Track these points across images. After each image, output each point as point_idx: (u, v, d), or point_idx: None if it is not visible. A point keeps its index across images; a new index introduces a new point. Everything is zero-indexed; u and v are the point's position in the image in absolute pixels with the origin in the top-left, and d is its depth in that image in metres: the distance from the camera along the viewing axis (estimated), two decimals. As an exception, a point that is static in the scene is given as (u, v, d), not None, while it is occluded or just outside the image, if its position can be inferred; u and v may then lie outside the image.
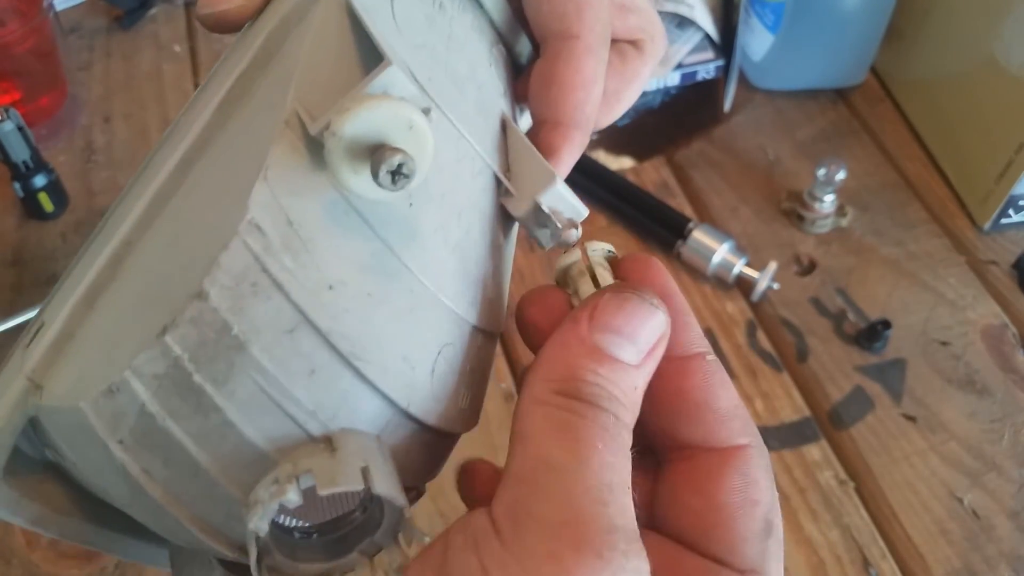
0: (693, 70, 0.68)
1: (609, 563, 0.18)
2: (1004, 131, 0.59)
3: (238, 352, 0.19)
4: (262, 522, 0.19)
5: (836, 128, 0.70)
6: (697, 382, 0.23)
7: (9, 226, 0.63)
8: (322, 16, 0.22)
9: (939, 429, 0.53)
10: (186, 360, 0.19)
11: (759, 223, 0.63)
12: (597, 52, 0.26)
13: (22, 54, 0.67)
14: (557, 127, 0.26)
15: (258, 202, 0.19)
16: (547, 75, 0.26)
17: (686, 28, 0.68)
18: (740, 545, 0.22)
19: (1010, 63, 0.59)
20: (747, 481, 0.22)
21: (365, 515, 0.22)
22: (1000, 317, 0.58)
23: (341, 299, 0.20)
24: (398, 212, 0.21)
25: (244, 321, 0.19)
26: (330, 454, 0.20)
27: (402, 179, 0.19)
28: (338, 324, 0.20)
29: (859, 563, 0.48)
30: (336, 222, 0.20)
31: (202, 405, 0.19)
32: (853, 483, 0.51)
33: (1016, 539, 0.48)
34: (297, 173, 0.20)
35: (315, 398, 0.20)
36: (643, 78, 0.31)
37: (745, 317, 0.58)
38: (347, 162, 0.19)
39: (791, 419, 0.53)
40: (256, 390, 0.19)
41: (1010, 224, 0.62)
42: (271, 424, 0.20)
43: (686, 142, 0.68)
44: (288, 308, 0.19)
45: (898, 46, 0.70)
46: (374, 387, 0.21)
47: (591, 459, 0.20)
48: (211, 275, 0.19)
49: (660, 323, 0.22)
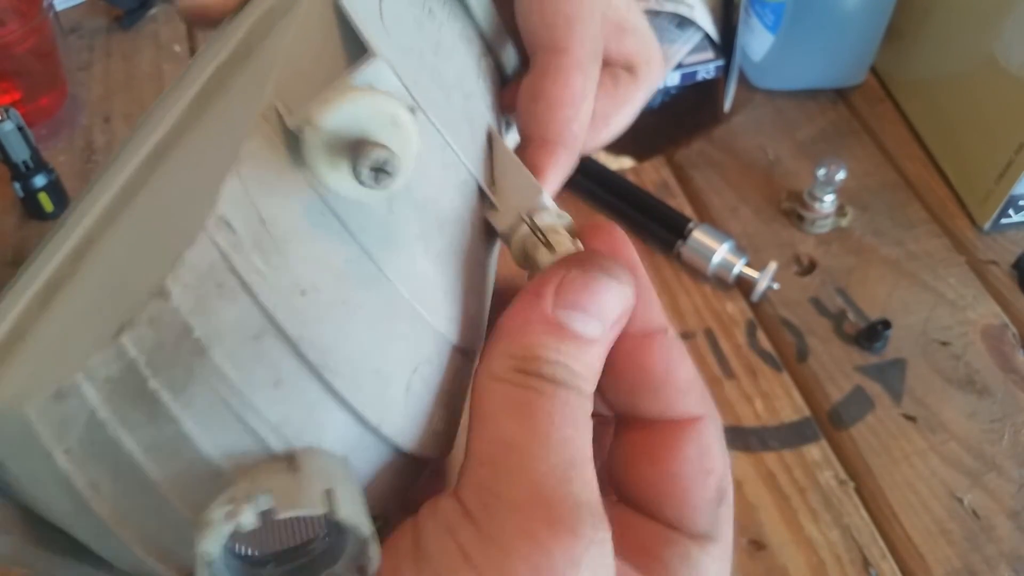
0: (693, 70, 0.68)
1: (582, 538, 0.19)
2: (1004, 131, 0.59)
3: (198, 357, 0.18)
4: (213, 545, 0.17)
5: (836, 128, 0.70)
6: (658, 359, 0.22)
7: (9, 226, 0.63)
8: (307, 10, 0.21)
9: (939, 429, 0.53)
10: (142, 364, 0.17)
11: (759, 223, 0.63)
12: (587, 68, 0.26)
13: (22, 54, 0.67)
14: (543, 144, 0.26)
15: (229, 197, 0.18)
16: (534, 90, 0.26)
17: (686, 28, 0.68)
18: (692, 512, 0.22)
19: (1010, 63, 0.59)
20: (701, 451, 0.22)
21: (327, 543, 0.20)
22: (1000, 317, 0.58)
23: (313, 305, 0.19)
24: (378, 217, 0.20)
25: (207, 324, 0.18)
26: (291, 474, 0.18)
27: (384, 177, 0.18)
28: (309, 332, 0.18)
29: (859, 563, 0.48)
30: (312, 223, 0.19)
31: (156, 414, 0.18)
32: (853, 483, 0.51)
33: (1016, 539, 0.48)
34: (272, 169, 0.19)
35: (280, 411, 0.18)
36: (636, 103, 0.30)
37: (745, 317, 0.58)
38: (326, 157, 0.18)
39: (791, 419, 0.53)
40: (215, 400, 0.18)
41: (1010, 224, 0.62)
42: (230, 438, 0.18)
43: (686, 142, 0.68)
44: (255, 312, 0.18)
45: (898, 46, 0.70)
46: (344, 402, 0.19)
47: (551, 436, 0.20)
48: (174, 272, 0.17)
49: (626, 297, 0.22)
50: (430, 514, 0.20)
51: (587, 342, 0.21)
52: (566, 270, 0.21)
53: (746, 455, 0.52)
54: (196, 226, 0.18)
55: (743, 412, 0.54)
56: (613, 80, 0.29)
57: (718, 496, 0.22)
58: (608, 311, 0.21)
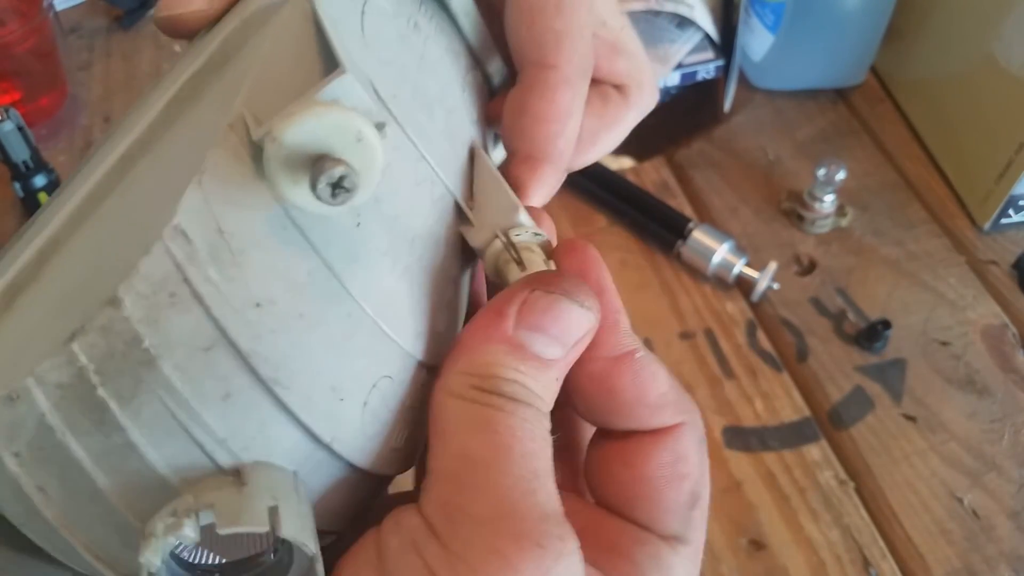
0: (693, 70, 0.68)
1: (549, 550, 0.18)
2: (1004, 131, 0.59)
3: (147, 368, 0.18)
4: (154, 556, 0.17)
5: (836, 128, 0.70)
6: (627, 382, 0.22)
7: (9, 226, 0.63)
8: (285, 22, 0.21)
9: (939, 429, 0.53)
10: (91, 371, 0.17)
11: (759, 223, 0.63)
12: (574, 85, 0.26)
13: (22, 54, 0.67)
14: (527, 160, 0.25)
15: (188, 207, 0.18)
16: (521, 105, 0.25)
17: (686, 28, 0.68)
18: (664, 515, 0.22)
19: (1010, 63, 0.59)
20: (676, 457, 0.22)
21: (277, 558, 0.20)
22: (1000, 317, 0.58)
23: (268, 319, 0.18)
24: (343, 231, 0.20)
25: (157, 334, 0.18)
26: (237, 489, 0.18)
27: (343, 193, 0.18)
28: (261, 346, 0.18)
29: (859, 563, 0.48)
30: (273, 236, 0.19)
31: (104, 422, 0.18)
32: (853, 483, 0.51)
33: (1016, 539, 0.48)
34: (236, 181, 0.19)
35: (228, 425, 0.18)
36: (624, 125, 0.30)
37: (745, 317, 0.58)
38: (286, 171, 0.18)
39: (791, 419, 0.53)
40: (163, 411, 0.18)
41: (1010, 224, 0.62)
42: (177, 450, 0.18)
43: (686, 142, 0.68)
44: (207, 324, 0.18)
45: (898, 46, 0.70)
46: (295, 417, 0.19)
47: (513, 449, 0.20)
48: (128, 281, 0.17)
49: (589, 321, 0.22)
50: (394, 529, 0.20)
51: (546, 364, 0.21)
52: (530, 290, 0.21)
53: (746, 455, 0.52)
54: (154, 235, 0.18)
55: (743, 412, 0.54)
56: (602, 100, 0.29)
57: (691, 500, 0.23)
58: (569, 334, 0.21)
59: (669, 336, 0.57)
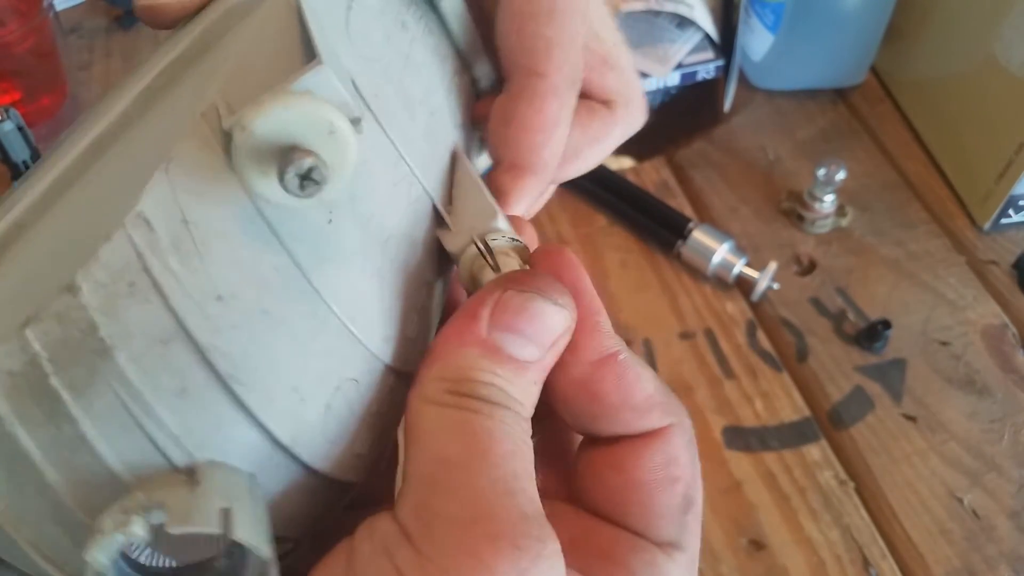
0: (693, 70, 0.68)
1: (527, 551, 0.18)
2: (1004, 131, 0.59)
3: (102, 358, 0.17)
4: (100, 554, 0.16)
5: (836, 128, 0.70)
6: (611, 385, 0.22)
7: (9, 226, 0.63)
8: (267, 14, 0.21)
9: (939, 429, 0.53)
10: (44, 359, 0.17)
11: (759, 223, 0.63)
12: (563, 95, 0.25)
13: (22, 54, 0.67)
14: (511, 169, 0.25)
15: (153, 195, 0.17)
16: (507, 112, 0.25)
17: (686, 28, 0.68)
18: (658, 520, 0.22)
19: (1010, 63, 0.59)
20: (668, 460, 0.22)
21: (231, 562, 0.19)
22: (1000, 317, 0.58)
23: (229, 313, 0.18)
24: (314, 227, 0.19)
25: (114, 324, 0.17)
26: (190, 488, 0.17)
27: (311, 185, 0.17)
28: (220, 340, 0.18)
29: (859, 563, 0.48)
30: (240, 229, 0.18)
31: (56, 413, 0.17)
32: (853, 483, 0.51)
33: (1016, 539, 0.48)
34: (204, 171, 0.18)
35: (183, 422, 0.18)
36: (610, 141, 0.29)
37: (745, 317, 0.58)
38: (255, 162, 0.17)
39: (791, 419, 0.53)
40: (116, 404, 0.17)
41: (1010, 224, 0.62)
42: (129, 445, 0.18)
43: (686, 142, 0.68)
44: (165, 315, 0.17)
45: (898, 46, 0.70)
46: (253, 417, 0.18)
47: (491, 451, 0.19)
48: (86, 268, 0.17)
49: (565, 320, 0.21)
50: (366, 536, 0.19)
51: (522, 366, 0.20)
52: (502, 290, 0.21)
53: (746, 455, 0.52)
54: (116, 222, 0.17)
55: (743, 412, 0.54)
56: (589, 113, 0.28)
57: (684, 504, 0.22)
58: (544, 334, 0.21)
59: (669, 336, 0.57)
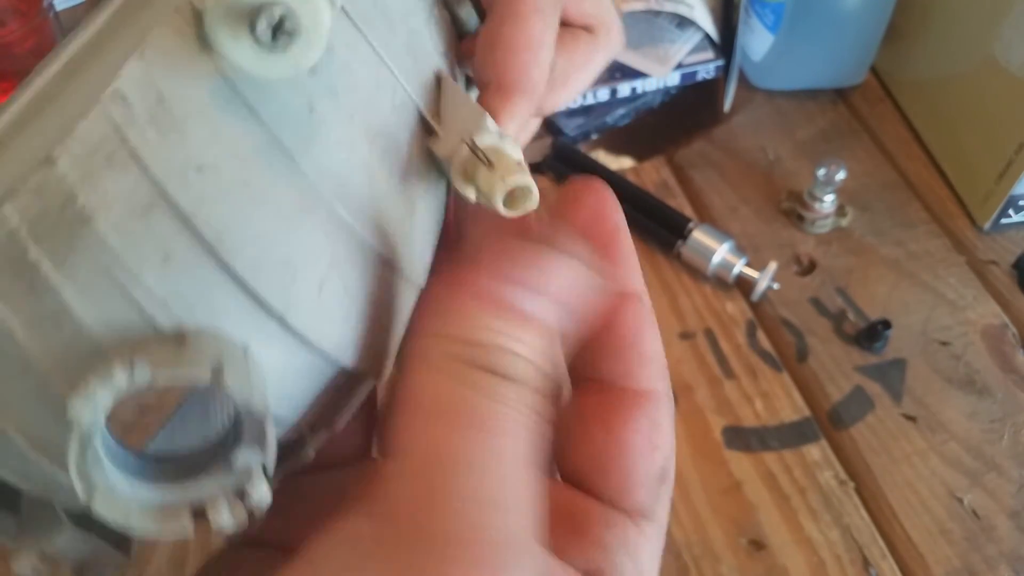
0: (693, 70, 0.68)
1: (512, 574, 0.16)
2: (1004, 131, 0.59)
3: (82, 226, 0.17)
4: (84, 408, 0.16)
5: (836, 128, 0.70)
6: (628, 321, 0.22)
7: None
8: None
9: (939, 429, 0.53)
10: (23, 232, 0.17)
11: (759, 223, 0.63)
12: (546, 14, 0.25)
13: (23, 54, 0.67)
14: (499, 90, 0.25)
15: (129, 75, 0.17)
16: (492, 37, 0.25)
17: (686, 28, 0.68)
18: (635, 487, 0.22)
19: (1010, 63, 0.59)
20: (653, 424, 0.22)
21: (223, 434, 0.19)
22: (1000, 317, 0.58)
23: (211, 183, 0.18)
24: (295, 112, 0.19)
25: (93, 193, 0.17)
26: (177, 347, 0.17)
27: (284, 36, 0.17)
28: (203, 210, 0.17)
29: (859, 563, 0.48)
30: (216, 107, 0.18)
31: (36, 285, 0.17)
32: (853, 483, 0.51)
33: (1016, 539, 0.48)
34: (180, 56, 0.18)
35: (168, 287, 0.17)
36: (595, 65, 0.30)
37: (745, 317, 0.58)
38: (227, 25, 0.17)
39: (791, 419, 0.53)
40: (99, 271, 0.17)
41: (1010, 224, 0.62)
42: (113, 311, 0.17)
43: (686, 142, 0.68)
44: (145, 183, 0.17)
45: (898, 46, 0.70)
46: (243, 283, 0.18)
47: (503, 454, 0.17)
48: (63, 143, 0.17)
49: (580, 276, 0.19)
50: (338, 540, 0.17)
51: (538, 326, 0.18)
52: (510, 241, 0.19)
53: (746, 455, 0.52)
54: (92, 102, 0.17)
55: (743, 412, 0.54)
56: (573, 39, 0.29)
57: (661, 475, 0.22)
58: (559, 290, 0.19)
59: (669, 336, 0.57)
